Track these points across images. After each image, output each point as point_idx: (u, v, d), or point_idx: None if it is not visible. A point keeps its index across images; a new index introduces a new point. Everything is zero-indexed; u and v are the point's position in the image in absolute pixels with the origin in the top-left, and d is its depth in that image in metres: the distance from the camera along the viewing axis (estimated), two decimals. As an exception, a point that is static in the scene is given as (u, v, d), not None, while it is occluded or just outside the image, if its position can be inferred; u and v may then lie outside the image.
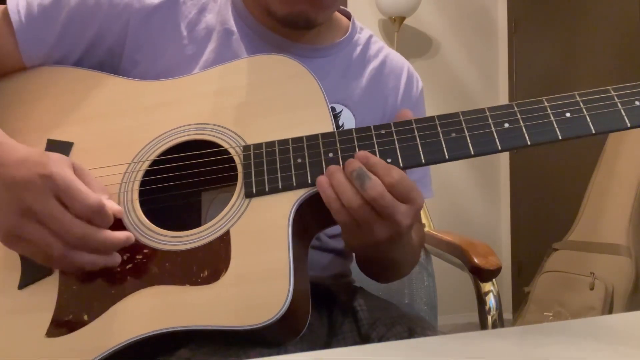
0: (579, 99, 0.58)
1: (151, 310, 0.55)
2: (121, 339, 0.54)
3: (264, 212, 0.58)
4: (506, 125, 0.58)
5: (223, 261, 0.56)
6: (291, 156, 0.60)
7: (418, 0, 2.64)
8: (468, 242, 1.02)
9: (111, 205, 0.57)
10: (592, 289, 1.96)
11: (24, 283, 0.59)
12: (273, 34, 0.76)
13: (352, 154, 0.59)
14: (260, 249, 0.56)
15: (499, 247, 3.01)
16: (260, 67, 0.68)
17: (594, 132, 0.57)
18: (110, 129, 0.66)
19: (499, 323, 1.00)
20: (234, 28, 0.75)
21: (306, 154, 0.60)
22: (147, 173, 0.63)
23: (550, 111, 0.58)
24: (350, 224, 0.56)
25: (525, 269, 2.81)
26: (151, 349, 0.56)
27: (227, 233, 0.57)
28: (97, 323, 0.56)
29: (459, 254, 1.02)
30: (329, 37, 0.81)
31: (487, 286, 1.00)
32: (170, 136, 0.65)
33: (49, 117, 0.68)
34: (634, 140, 2.04)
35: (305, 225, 0.61)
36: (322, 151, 0.60)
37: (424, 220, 1.17)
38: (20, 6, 0.69)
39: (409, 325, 0.67)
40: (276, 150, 0.61)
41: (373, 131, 0.60)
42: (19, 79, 0.70)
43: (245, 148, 0.62)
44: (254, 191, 0.59)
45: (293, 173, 0.59)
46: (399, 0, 2.60)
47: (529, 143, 0.58)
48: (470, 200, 2.96)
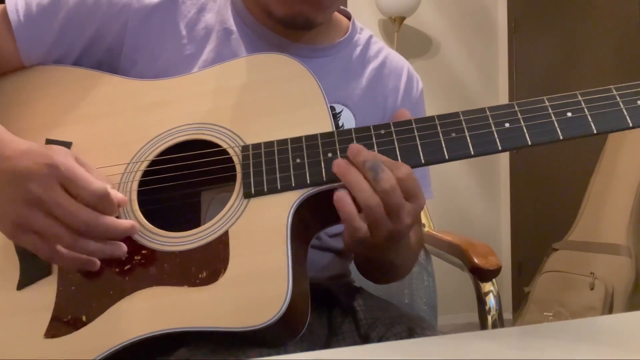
0: (580, 98, 0.58)
1: (150, 311, 0.55)
2: (120, 339, 0.54)
3: (262, 213, 0.58)
4: (507, 125, 0.58)
5: (221, 262, 0.56)
6: (290, 156, 0.60)
7: (418, 0, 2.64)
8: (468, 242, 1.02)
9: (115, 195, 0.57)
10: (592, 289, 1.96)
11: (23, 284, 0.59)
12: (272, 33, 0.76)
13: None
14: (258, 249, 0.56)
15: (499, 247, 3.01)
16: (259, 66, 0.68)
17: (595, 132, 0.56)
18: (109, 129, 0.66)
19: (499, 323, 1.00)
20: (234, 27, 0.75)
21: (305, 154, 0.60)
22: (146, 173, 0.63)
23: (551, 111, 0.58)
24: (364, 229, 0.55)
25: (525, 269, 2.81)
26: (150, 349, 0.56)
27: (226, 234, 0.57)
28: (96, 324, 0.56)
29: (459, 254, 1.02)
30: (329, 38, 0.81)
31: (487, 286, 1.00)
32: (169, 136, 0.64)
33: (47, 117, 0.68)
34: (634, 140, 2.04)
35: (305, 225, 0.61)
36: (321, 151, 0.59)
37: (424, 220, 1.17)
38: (19, 6, 0.69)
39: (409, 325, 0.67)
40: (275, 150, 0.61)
41: (372, 131, 0.60)
42: (18, 79, 0.70)
43: (244, 148, 0.61)
44: (253, 191, 0.59)
45: (292, 173, 0.59)
46: (399, 0, 2.60)
47: (530, 143, 0.57)
48: (470, 201, 2.96)
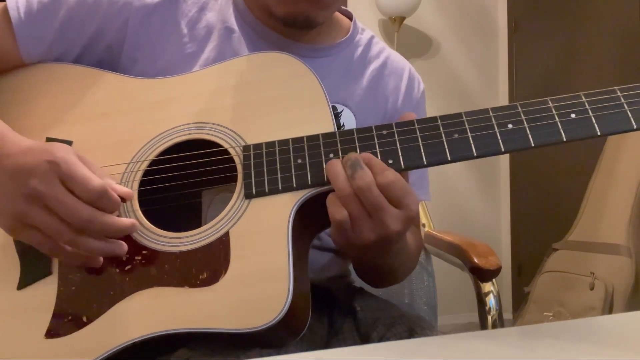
0: (584, 99, 0.57)
1: (150, 312, 0.55)
2: (120, 340, 0.54)
3: (263, 214, 0.58)
4: (510, 126, 0.57)
5: (222, 263, 0.56)
6: (291, 157, 0.60)
7: (418, 0, 2.64)
8: (468, 242, 1.02)
9: (119, 189, 0.57)
10: (592, 289, 1.96)
11: (23, 283, 0.59)
12: (274, 33, 0.76)
13: None
14: (259, 250, 0.56)
15: (499, 247, 3.01)
16: (260, 65, 0.67)
17: (599, 134, 0.55)
18: (109, 128, 0.66)
19: (499, 323, 1.00)
20: (235, 26, 0.75)
21: (306, 155, 0.59)
22: (147, 173, 0.63)
23: (555, 112, 0.57)
24: (341, 220, 0.55)
25: (525, 269, 2.81)
26: (150, 349, 0.56)
27: (227, 234, 0.57)
28: (97, 324, 0.56)
29: (459, 254, 1.02)
30: (330, 37, 0.81)
31: (487, 286, 1.00)
32: (170, 135, 0.64)
33: (47, 116, 0.68)
34: (634, 140, 2.04)
35: (306, 226, 0.61)
36: (323, 152, 0.59)
37: (424, 220, 1.17)
38: (20, 3, 0.69)
39: (409, 325, 0.67)
40: (276, 150, 0.60)
41: (374, 131, 0.60)
42: (18, 76, 0.70)
43: (245, 148, 0.61)
44: (254, 192, 0.59)
45: (293, 174, 0.59)
46: (399, 0, 2.60)
47: (533, 145, 0.56)
48: (470, 201, 2.96)
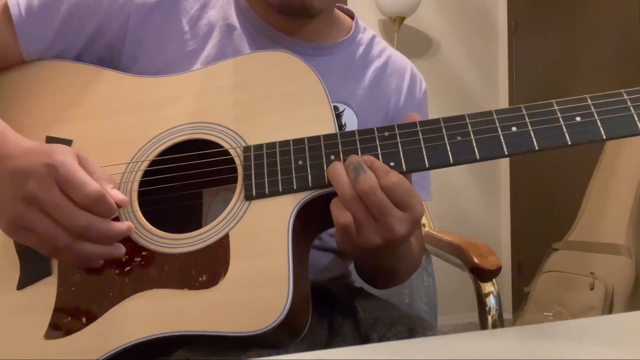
0: (590, 102, 0.56)
1: (149, 314, 0.55)
2: (120, 342, 0.54)
3: (263, 216, 0.57)
4: (514, 129, 0.56)
5: (222, 265, 0.55)
6: (292, 158, 0.59)
7: (418, 0, 2.64)
8: (468, 242, 1.02)
9: (115, 195, 0.56)
10: (592, 289, 1.96)
11: (23, 283, 0.59)
12: (275, 30, 0.76)
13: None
14: (259, 253, 0.55)
15: (499, 247, 3.01)
16: (261, 64, 0.67)
17: (604, 138, 0.54)
18: (109, 127, 0.66)
19: (499, 323, 1.00)
20: (236, 23, 0.75)
21: (307, 156, 0.59)
22: (146, 173, 0.63)
23: (560, 115, 0.56)
24: (346, 224, 0.55)
25: (525, 269, 2.81)
26: (149, 350, 0.56)
27: (226, 236, 0.57)
28: (96, 325, 0.56)
29: (459, 254, 1.02)
30: (332, 36, 0.81)
31: (487, 286, 1.00)
32: (170, 135, 0.64)
33: (47, 114, 0.67)
34: (634, 140, 2.04)
35: (306, 227, 0.60)
36: (324, 153, 0.59)
37: (424, 221, 1.17)
38: (21, 0, 0.69)
39: (409, 325, 0.67)
40: (277, 151, 0.60)
41: (376, 133, 0.59)
42: (18, 74, 0.70)
43: (246, 149, 0.61)
44: (254, 194, 0.58)
45: (294, 176, 0.58)
46: (399, 0, 2.60)
47: (537, 148, 0.55)
48: (470, 201, 2.96)
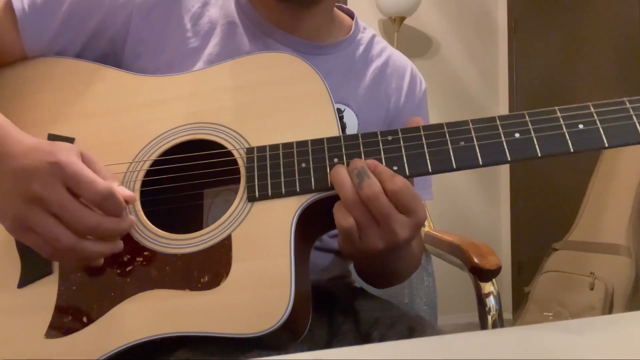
0: (592, 110, 0.56)
1: (151, 314, 0.55)
2: (121, 342, 0.54)
3: (266, 218, 0.57)
4: (517, 135, 0.56)
5: (224, 266, 0.55)
6: (295, 160, 0.59)
7: (418, 0, 2.64)
8: (468, 242, 1.02)
9: (122, 192, 0.56)
10: (592, 289, 1.96)
11: (24, 282, 0.59)
12: (276, 28, 0.76)
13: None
14: (261, 255, 0.55)
15: (499, 247, 3.01)
16: (265, 65, 0.67)
17: (607, 146, 0.55)
18: (112, 126, 0.66)
19: (499, 323, 1.00)
20: (237, 21, 0.75)
21: (310, 159, 0.59)
22: (148, 173, 0.63)
23: (562, 122, 0.56)
24: (348, 228, 0.55)
25: (525, 269, 2.81)
26: (149, 350, 0.56)
27: (229, 237, 0.57)
28: (97, 325, 0.56)
29: (459, 254, 1.02)
30: (332, 36, 0.81)
31: (487, 286, 1.00)
32: (172, 135, 0.64)
33: (49, 111, 0.67)
34: (634, 140, 2.04)
35: (308, 229, 0.60)
36: (327, 156, 0.59)
37: (424, 220, 1.17)
38: None
39: (409, 325, 0.67)
40: (280, 154, 0.60)
41: (380, 137, 0.59)
42: (20, 70, 0.70)
43: (249, 150, 0.61)
44: (257, 195, 0.58)
45: (297, 178, 0.58)
46: (399, 0, 2.60)
47: (540, 155, 0.55)
48: (470, 201, 2.96)
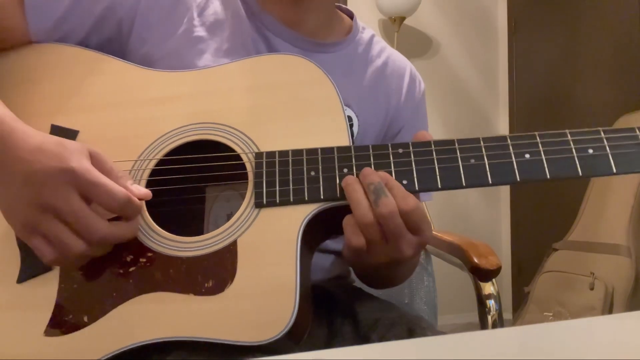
0: (603, 135, 0.57)
1: (153, 317, 0.55)
2: (121, 344, 0.54)
3: (273, 225, 0.57)
4: (527, 156, 0.57)
5: (229, 272, 0.55)
6: (304, 168, 0.58)
7: (418, 0, 2.64)
8: (468, 242, 1.02)
9: (137, 191, 0.55)
10: (592, 289, 1.96)
11: (23, 277, 0.58)
12: (279, 23, 0.76)
13: None
14: (267, 262, 0.55)
15: (499, 247, 3.00)
16: (277, 67, 0.66)
17: (615, 172, 0.55)
18: (117, 120, 0.64)
19: (499, 323, 1.00)
20: (243, 14, 0.75)
21: (320, 168, 0.58)
22: (154, 172, 0.62)
23: (573, 145, 0.56)
24: (359, 247, 0.55)
25: (525, 269, 2.81)
26: (148, 351, 0.56)
27: (234, 243, 0.56)
28: (98, 326, 0.55)
29: (459, 254, 1.02)
30: (333, 35, 0.81)
31: (487, 286, 0.99)
32: (180, 134, 0.63)
33: (53, 101, 0.65)
34: (634, 140, 2.04)
35: (312, 236, 0.60)
36: (337, 166, 0.58)
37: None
38: None
39: (409, 326, 0.67)
40: (289, 160, 0.59)
41: (390, 149, 0.59)
42: (24, 56, 0.68)
43: (258, 155, 0.60)
44: (265, 202, 0.58)
45: (305, 187, 0.58)
46: (399, 0, 2.60)
47: (549, 177, 0.56)
48: (470, 200, 2.96)
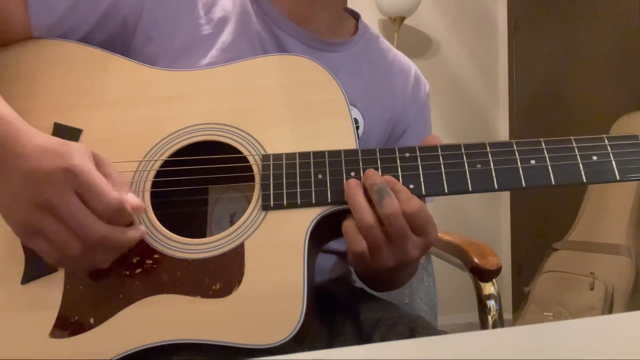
0: (607, 142, 0.57)
1: (160, 319, 0.55)
2: (128, 346, 0.54)
3: (280, 227, 0.57)
4: (533, 162, 0.57)
5: (236, 275, 0.55)
6: (312, 171, 0.58)
7: (418, 0, 2.63)
8: (468, 242, 1.02)
9: (131, 201, 0.55)
10: (592, 289, 1.96)
11: (27, 278, 0.58)
12: (288, 20, 0.76)
13: None
14: (274, 265, 0.55)
15: (499, 247, 3.00)
16: (284, 69, 0.65)
17: (618, 179, 0.56)
18: (121, 120, 0.63)
19: (499, 323, 1.00)
20: (251, 10, 0.75)
21: (327, 171, 0.58)
22: (159, 173, 0.61)
23: (577, 152, 0.57)
24: (361, 252, 0.55)
25: (525, 269, 2.81)
26: (153, 353, 0.56)
27: (242, 246, 0.56)
28: (104, 328, 0.55)
29: (459, 254, 1.02)
30: (339, 34, 0.81)
31: (487, 286, 1.00)
32: (186, 134, 0.62)
33: (55, 98, 0.64)
34: (633, 140, 2.04)
35: (319, 239, 0.60)
36: (344, 170, 0.58)
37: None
38: None
39: (410, 326, 0.67)
40: (297, 163, 0.59)
41: (397, 153, 0.59)
42: (26, 51, 0.66)
43: (264, 157, 0.60)
44: (272, 204, 0.58)
45: (313, 190, 0.58)
46: (399, 0, 2.60)
47: (554, 183, 0.56)
48: (470, 201, 2.96)
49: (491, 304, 0.99)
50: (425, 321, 0.72)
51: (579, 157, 0.57)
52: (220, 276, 0.55)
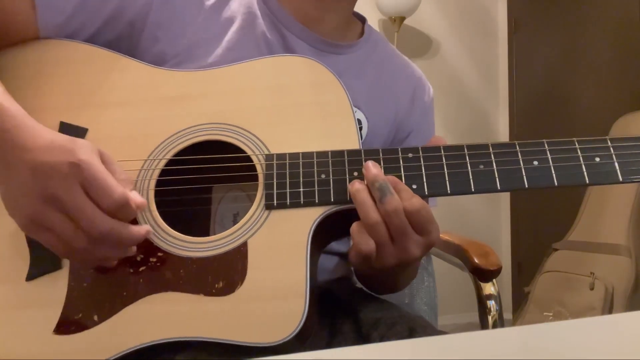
0: (610, 144, 0.57)
1: (163, 317, 0.55)
2: (132, 343, 0.54)
3: (283, 227, 0.57)
4: (535, 163, 0.57)
5: (239, 273, 0.55)
6: (315, 171, 0.59)
7: (418, 0, 2.64)
8: (468, 242, 1.02)
9: (135, 198, 0.55)
10: (592, 289, 1.96)
11: (32, 275, 0.58)
12: (296, 21, 0.76)
13: None
14: (277, 264, 0.55)
15: (499, 247, 3.01)
16: (288, 69, 0.66)
17: (621, 180, 0.56)
18: (127, 119, 0.64)
19: (499, 323, 1.00)
20: (257, 12, 0.75)
21: (330, 171, 0.59)
22: (163, 172, 0.62)
23: (580, 154, 0.57)
24: (369, 252, 0.55)
25: (525, 269, 2.81)
26: (156, 351, 0.56)
27: (245, 244, 0.57)
28: (107, 325, 0.56)
29: (459, 254, 1.02)
30: (346, 37, 0.81)
31: (488, 286, 1.00)
32: (190, 133, 0.63)
33: (62, 98, 0.65)
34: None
35: (321, 239, 0.60)
36: (347, 169, 0.59)
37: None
38: None
39: (410, 325, 0.67)
40: (300, 163, 0.59)
41: (400, 154, 0.59)
42: (31, 51, 0.67)
43: (268, 157, 0.60)
44: (275, 204, 0.58)
45: (316, 189, 0.58)
46: (399, 0, 2.60)
47: (557, 184, 0.56)
48: (470, 200, 2.96)
49: (491, 304, 0.99)
50: (424, 321, 0.72)
51: (581, 159, 0.57)
52: (224, 274, 0.56)
